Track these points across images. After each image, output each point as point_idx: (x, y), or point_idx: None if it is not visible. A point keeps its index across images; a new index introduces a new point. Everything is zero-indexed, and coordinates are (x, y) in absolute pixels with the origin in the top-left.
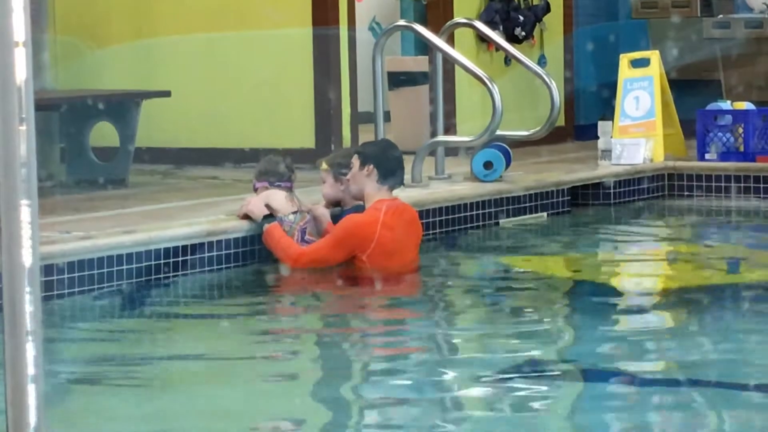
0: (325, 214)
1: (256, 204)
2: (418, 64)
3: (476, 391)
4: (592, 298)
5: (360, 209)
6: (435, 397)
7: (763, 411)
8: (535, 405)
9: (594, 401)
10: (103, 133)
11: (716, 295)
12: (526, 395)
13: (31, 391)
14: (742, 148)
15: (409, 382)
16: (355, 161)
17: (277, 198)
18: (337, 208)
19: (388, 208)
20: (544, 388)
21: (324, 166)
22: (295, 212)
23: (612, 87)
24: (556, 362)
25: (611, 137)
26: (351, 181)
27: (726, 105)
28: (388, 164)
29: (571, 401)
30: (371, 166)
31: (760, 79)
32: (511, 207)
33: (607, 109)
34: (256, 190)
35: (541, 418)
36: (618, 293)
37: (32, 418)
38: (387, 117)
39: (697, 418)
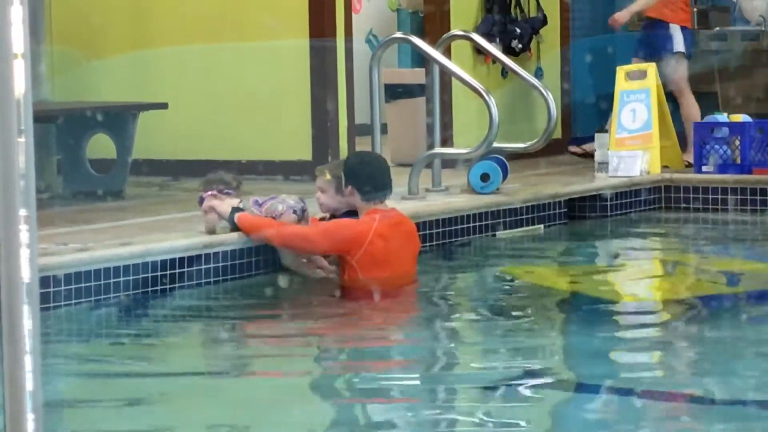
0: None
1: (216, 206)
2: (415, 76)
3: (471, 403)
4: (589, 310)
5: (353, 217)
6: (430, 408)
7: (760, 424)
8: (532, 417)
9: (590, 414)
10: (100, 145)
11: (713, 307)
12: (522, 407)
13: (30, 405)
14: (738, 161)
15: (403, 392)
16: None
17: (218, 200)
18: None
19: (383, 217)
20: (540, 400)
21: (327, 176)
22: (239, 201)
23: (609, 99)
24: (552, 374)
25: (608, 149)
26: (346, 197)
27: (723, 117)
28: (365, 183)
29: (567, 414)
30: (350, 188)
31: (756, 92)
32: (508, 219)
33: (603, 121)
34: (202, 201)
35: (537, 430)
36: (614, 305)
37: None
38: (384, 129)
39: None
